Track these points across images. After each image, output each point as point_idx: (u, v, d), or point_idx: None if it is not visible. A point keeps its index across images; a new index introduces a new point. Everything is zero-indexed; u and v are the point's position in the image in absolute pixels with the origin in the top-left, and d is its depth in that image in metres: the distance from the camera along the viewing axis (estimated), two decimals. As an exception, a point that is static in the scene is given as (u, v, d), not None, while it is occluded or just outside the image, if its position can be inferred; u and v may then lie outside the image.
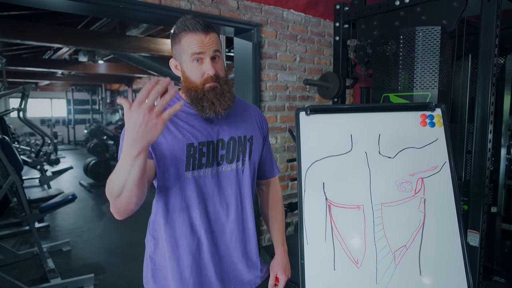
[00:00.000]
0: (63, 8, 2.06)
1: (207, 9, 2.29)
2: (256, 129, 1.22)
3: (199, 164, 1.06)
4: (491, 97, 1.75)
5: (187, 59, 1.04)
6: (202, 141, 1.07)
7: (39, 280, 2.96)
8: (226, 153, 1.11)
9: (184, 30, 1.03)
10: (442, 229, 1.28)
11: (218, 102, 1.05)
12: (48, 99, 15.45)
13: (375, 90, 2.18)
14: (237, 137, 1.14)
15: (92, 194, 6.09)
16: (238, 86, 2.69)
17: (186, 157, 1.04)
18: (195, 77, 1.04)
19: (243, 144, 1.15)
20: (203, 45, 1.02)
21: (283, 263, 1.26)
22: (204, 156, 1.07)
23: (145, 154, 0.84)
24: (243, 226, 1.17)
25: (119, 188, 0.88)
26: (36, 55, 8.10)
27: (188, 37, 1.02)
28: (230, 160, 1.13)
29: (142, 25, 5.07)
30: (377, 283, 1.25)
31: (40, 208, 3.16)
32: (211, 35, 1.04)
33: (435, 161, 1.35)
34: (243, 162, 1.15)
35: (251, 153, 1.17)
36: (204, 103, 1.04)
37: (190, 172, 1.05)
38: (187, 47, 1.02)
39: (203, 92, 1.04)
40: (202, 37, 1.02)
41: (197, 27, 1.02)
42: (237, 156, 1.14)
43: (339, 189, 1.34)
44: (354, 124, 1.41)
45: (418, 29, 1.93)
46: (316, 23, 2.92)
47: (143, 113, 0.79)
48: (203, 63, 1.03)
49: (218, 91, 1.05)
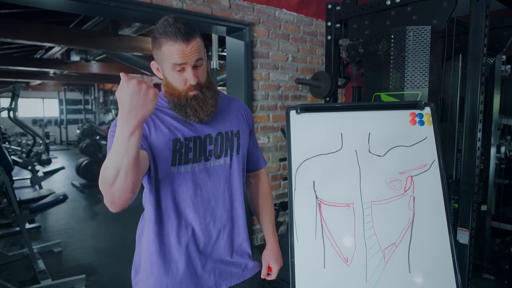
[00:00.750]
0: (54, 6, 2.04)
1: (199, 8, 2.28)
2: (242, 123, 1.23)
3: (186, 159, 1.07)
4: (480, 96, 1.77)
5: (168, 67, 1.02)
6: (188, 136, 1.08)
7: (29, 282, 2.93)
8: (214, 148, 1.12)
9: (165, 37, 0.99)
10: (431, 226, 1.29)
11: (201, 109, 1.06)
12: (40, 99, 15.30)
13: (366, 89, 2.19)
14: (224, 132, 1.15)
15: (84, 195, 6.04)
16: (230, 85, 2.69)
17: (172, 152, 1.05)
18: (177, 84, 1.04)
19: (230, 139, 1.16)
20: (184, 55, 0.99)
21: (275, 252, 1.29)
22: (190, 151, 1.07)
23: (140, 132, 0.85)
24: (232, 221, 1.18)
25: (113, 173, 0.86)
26: (28, 54, 8.01)
27: (169, 45, 0.99)
28: (218, 155, 1.13)
29: (135, 24, 5.04)
30: (367, 280, 1.26)
31: (30, 208, 3.13)
32: (193, 43, 1.00)
33: (424, 159, 1.36)
34: (231, 157, 1.16)
35: (239, 148, 1.18)
36: (187, 110, 1.05)
37: (177, 167, 1.06)
38: (168, 56, 1.00)
39: (186, 99, 1.05)
40: (183, 46, 0.99)
41: (178, 36, 0.98)
42: (225, 151, 1.14)
43: (329, 188, 1.35)
44: (344, 123, 1.41)
45: (409, 28, 1.94)
46: (308, 23, 2.93)
47: (137, 83, 0.82)
48: (185, 71, 1.02)
49: (201, 99, 1.06)
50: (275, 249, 1.30)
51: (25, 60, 7.73)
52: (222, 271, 1.17)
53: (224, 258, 1.17)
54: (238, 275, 1.21)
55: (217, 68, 3.10)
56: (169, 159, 1.05)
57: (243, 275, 1.22)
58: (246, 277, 1.23)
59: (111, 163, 0.86)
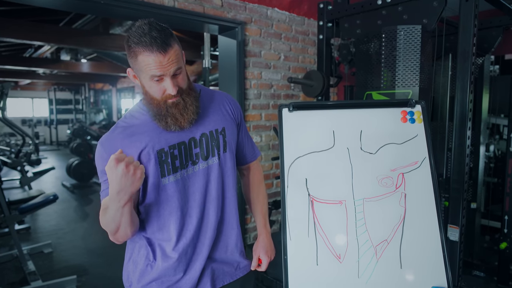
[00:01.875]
0: (43, 4, 2.02)
1: (191, 6, 2.27)
2: (227, 118, 1.18)
3: (173, 168, 1.05)
4: (469, 95, 1.79)
5: (145, 77, 0.97)
6: (172, 144, 1.05)
7: (18, 283, 2.89)
8: (200, 151, 1.09)
9: (140, 47, 0.92)
10: (422, 223, 1.31)
11: (182, 117, 1.02)
12: (30, 99, 15.08)
13: (358, 88, 2.21)
14: (208, 132, 1.11)
15: (75, 195, 5.97)
16: (222, 84, 2.68)
17: (159, 164, 1.03)
18: (156, 94, 0.99)
19: (215, 138, 1.12)
20: (162, 66, 0.93)
21: (265, 244, 1.28)
22: (176, 159, 1.05)
23: (131, 201, 0.94)
24: (224, 219, 1.18)
25: (114, 228, 0.98)
26: (16, 53, 7.91)
27: (145, 56, 0.93)
28: (205, 156, 1.10)
29: (126, 23, 5.00)
30: (359, 277, 1.27)
31: (19, 209, 3.09)
32: (170, 53, 0.94)
33: (415, 157, 1.37)
34: (219, 156, 1.13)
35: (225, 146, 1.15)
36: (168, 119, 1.01)
37: (167, 178, 1.05)
38: (145, 68, 0.94)
39: (165, 108, 1.00)
40: (160, 57, 0.92)
41: (153, 46, 0.91)
42: (211, 152, 1.11)
43: (321, 185, 1.35)
44: (336, 121, 1.42)
45: (400, 27, 1.96)
46: (301, 22, 2.94)
47: (125, 166, 0.88)
48: (164, 81, 0.97)
49: (181, 106, 1.01)
50: (266, 241, 1.29)
51: (14, 59, 7.62)
52: (215, 270, 1.16)
53: (217, 257, 1.17)
54: (230, 274, 1.20)
55: (210, 67, 3.10)
56: (157, 172, 1.03)
57: (236, 274, 1.22)
58: (239, 276, 1.23)
59: (110, 221, 0.96)
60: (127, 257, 1.15)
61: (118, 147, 0.99)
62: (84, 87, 13.53)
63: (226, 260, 1.19)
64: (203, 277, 1.13)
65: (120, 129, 1.05)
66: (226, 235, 1.19)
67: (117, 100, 12.20)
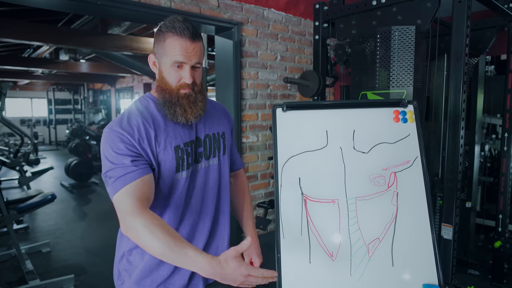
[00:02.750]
0: (40, 4, 2.03)
1: (187, 7, 2.29)
2: (226, 125, 1.27)
3: (187, 164, 1.09)
4: (463, 95, 1.81)
5: (167, 62, 1.02)
6: (186, 141, 1.09)
7: (16, 282, 2.89)
8: (203, 150, 1.14)
9: (171, 31, 1.00)
10: (414, 222, 1.32)
11: (190, 109, 1.06)
12: (28, 99, 15.08)
13: (353, 88, 2.22)
14: (211, 134, 1.18)
15: (73, 195, 5.98)
16: (219, 84, 2.70)
17: (175, 160, 1.06)
18: (171, 80, 1.04)
19: (217, 140, 1.19)
20: (187, 54, 1.00)
21: (256, 247, 1.31)
22: (190, 156, 1.09)
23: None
24: (219, 218, 1.22)
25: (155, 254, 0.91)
26: (15, 53, 7.91)
27: (173, 40, 1.00)
28: (208, 156, 1.15)
29: (124, 23, 5.01)
30: (351, 275, 1.28)
31: (18, 208, 3.09)
32: (197, 45, 1.02)
33: (407, 156, 1.38)
34: (219, 158, 1.19)
35: (225, 149, 1.22)
36: (177, 108, 1.04)
37: (180, 173, 1.07)
38: (170, 51, 1.00)
39: (177, 97, 1.04)
40: (188, 44, 1.00)
41: (185, 32, 0.99)
42: (213, 153, 1.17)
43: (314, 184, 1.37)
44: (330, 120, 1.44)
45: (394, 28, 1.98)
46: (297, 22, 2.96)
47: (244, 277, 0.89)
48: (182, 69, 1.02)
49: (192, 99, 1.05)
50: (256, 244, 1.31)
51: (12, 59, 7.62)
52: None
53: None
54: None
55: (207, 68, 3.11)
56: (173, 167, 1.06)
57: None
58: None
59: (159, 253, 0.89)
60: (119, 254, 1.16)
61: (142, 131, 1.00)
62: (83, 87, 13.52)
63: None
64: (195, 274, 1.15)
65: (138, 113, 1.05)
66: (218, 235, 1.23)
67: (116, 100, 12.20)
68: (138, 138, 1.00)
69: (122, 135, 0.98)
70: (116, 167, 0.95)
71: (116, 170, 0.95)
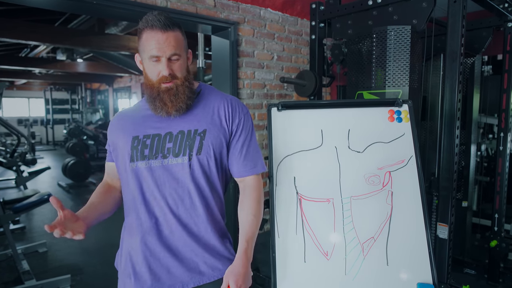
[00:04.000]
0: (36, 3, 2.03)
1: (183, 6, 2.29)
2: (214, 123, 1.12)
3: (142, 155, 1.09)
4: (458, 95, 1.81)
5: (145, 57, 1.05)
6: (147, 134, 1.11)
7: (12, 283, 2.88)
8: (172, 146, 1.09)
9: (145, 26, 1.03)
10: (408, 221, 1.32)
11: (171, 103, 1.06)
12: (26, 99, 15.03)
13: (349, 88, 2.23)
14: (186, 130, 1.10)
15: (71, 195, 5.97)
16: (216, 83, 2.69)
17: (130, 149, 1.10)
18: (152, 75, 1.06)
19: (191, 138, 1.09)
20: (159, 46, 1.01)
21: (238, 271, 1.05)
22: (146, 148, 1.09)
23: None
24: (194, 221, 1.10)
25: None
26: (12, 52, 7.88)
27: (147, 34, 1.02)
28: (177, 153, 1.09)
29: (122, 23, 5.01)
30: (346, 274, 1.29)
31: (13, 208, 3.09)
32: (170, 34, 1.02)
33: (402, 155, 1.39)
34: (190, 157, 1.08)
35: (200, 148, 1.09)
36: (157, 102, 1.07)
37: (134, 163, 1.10)
38: (146, 46, 1.03)
39: (158, 91, 1.06)
40: (159, 35, 1.01)
41: (155, 23, 1.00)
42: (183, 151, 1.08)
43: (309, 183, 1.37)
44: (325, 120, 1.44)
45: (390, 28, 1.98)
46: (294, 22, 2.96)
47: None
48: (160, 62, 1.04)
49: (173, 92, 1.06)
50: (240, 268, 1.06)
51: (9, 59, 7.60)
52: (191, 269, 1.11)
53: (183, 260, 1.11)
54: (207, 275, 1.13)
55: (203, 67, 3.11)
56: (127, 156, 1.10)
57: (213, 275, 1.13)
58: (216, 277, 1.13)
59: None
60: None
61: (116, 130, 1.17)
62: (80, 87, 13.49)
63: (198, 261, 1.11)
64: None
65: (118, 116, 1.21)
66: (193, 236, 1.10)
67: (114, 100, 12.18)
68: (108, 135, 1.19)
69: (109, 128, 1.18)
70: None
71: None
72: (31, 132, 10.91)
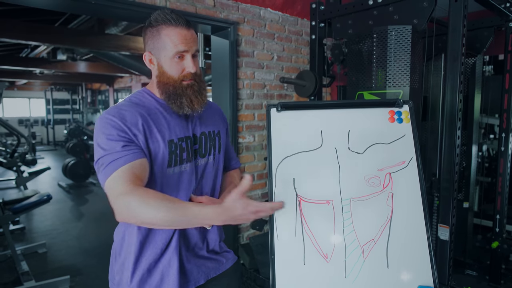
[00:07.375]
0: (36, 4, 2.02)
1: (183, 6, 2.27)
2: (221, 124, 1.27)
3: (180, 159, 1.07)
4: (459, 95, 1.80)
5: (167, 55, 1.02)
6: (181, 136, 1.08)
7: (11, 283, 2.88)
8: (199, 148, 1.14)
9: (165, 23, 1.01)
10: (409, 223, 1.31)
11: (196, 99, 1.06)
12: (26, 99, 15.04)
13: (349, 88, 2.21)
14: (207, 132, 1.17)
15: (71, 195, 5.97)
16: (215, 84, 2.68)
17: (168, 154, 1.04)
18: (174, 72, 1.04)
19: (213, 139, 1.19)
20: (187, 41, 1.02)
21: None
22: (184, 152, 1.08)
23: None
24: None
25: (161, 224, 0.90)
26: (12, 53, 7.88)
27: (170, 30, 1.01)
28: (203, 154, 1.15)
29: (122, 23, 4.99)
30: (346, 277, 1.27)
31: (13, 209, 3.08)
32: (192, 32, 1.04)
33: (402, 157, 1.37)
34: (214, 156, 1.19)
35: (220, 147, 1.22)
36: (183, 99, 1.05)
37: (172, 169, 1.06)
38: (170, 42, 1.01)
39: (181, 88, 1.04)
40: (185, 31, 1.02)
41: (179, 21, 1.01)
42: (208, 151, 1.17)
43: (309, 185, 1.35)
44: (324, 120, 1.42)
45: (390, 28, 1.96)
46: (294, 22, 2.94)
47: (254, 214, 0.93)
48: (184, 59, 1.03)
49: (196, 88, 1.06)
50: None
51: (10, 59, 7.60)
52: (201, 265, 1.19)
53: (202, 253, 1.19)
54: (214, 269, 1.23)
55: (203, 67, 3.10)
56: (165, 161, 1.04)
57: (220, 268, 1.25)
58: (220, 270, 1.25)
59: (162, 220, 0.87)
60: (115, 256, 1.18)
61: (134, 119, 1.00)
62: (81, 87, 13.49)
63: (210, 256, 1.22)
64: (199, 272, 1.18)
65: (131, 104, 1.05)
66: (209, 236, 1.21)
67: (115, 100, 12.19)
68: (129, 124, 0.99)
69: (113, 121, 0.97)
70: (107, 154, 0.93)
71: (108, 157, 0.93)
72: (31, 132, 10.91)
